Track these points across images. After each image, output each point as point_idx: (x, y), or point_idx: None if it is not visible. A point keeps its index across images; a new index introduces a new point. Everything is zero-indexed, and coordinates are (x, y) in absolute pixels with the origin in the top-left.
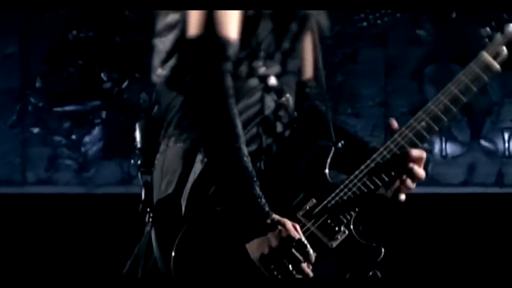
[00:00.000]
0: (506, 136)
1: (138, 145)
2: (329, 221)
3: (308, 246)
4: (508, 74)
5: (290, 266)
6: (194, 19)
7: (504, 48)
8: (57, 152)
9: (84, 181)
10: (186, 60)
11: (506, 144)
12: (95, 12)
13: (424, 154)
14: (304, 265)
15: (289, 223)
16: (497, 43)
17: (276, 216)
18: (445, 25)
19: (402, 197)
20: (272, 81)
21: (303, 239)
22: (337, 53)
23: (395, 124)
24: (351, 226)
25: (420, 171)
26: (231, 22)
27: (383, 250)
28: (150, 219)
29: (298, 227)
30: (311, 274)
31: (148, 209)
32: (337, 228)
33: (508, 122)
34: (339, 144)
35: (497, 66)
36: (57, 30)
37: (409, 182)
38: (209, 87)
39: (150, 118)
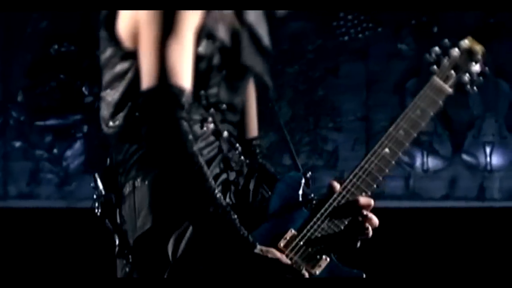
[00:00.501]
0: (488, 150)
1: (102, 193)
2: (310, 249)
3: (301, 266)
4: (488, 88)
5: None
6: (146, 71)
7: (453, 71)
8: (39, 166)
9: (65, 195)
10: (140, 112)
11: (488, 158)
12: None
13: (371, 202)
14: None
15: (275, 251)
16: (445, 68)
17: (261, 246)
18: (426, 39)
19: (358, 243)
20: (220, 126)
21: (292, 263)
22: (318, 67)
23: (336, 186)
24: (332, 253)
25: (371, 217)
26: (184, 72)
27: (364, 275)
28: (130, 261)
29: (283, 254)
30: None
31: (126, 251)
32: (318, 256)
33: (489, 136)
34: (308, 174)
35: (448, 89)
36: (39, 44)
37: (361, 228)
38: (166, 135)
39: (107, 168)
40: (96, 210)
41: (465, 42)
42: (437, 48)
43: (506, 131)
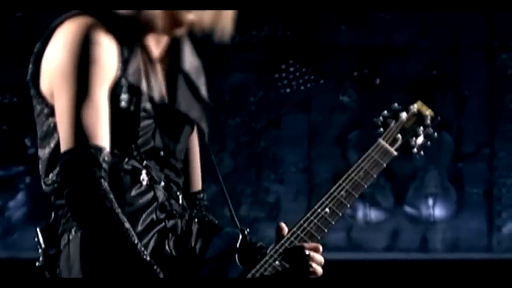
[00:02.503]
0: (430, 201)
1: (42, 246)
2: None
3: None
4: (432, 140)
5: None
6: (63, 134)
7: (399, 135)
8: None
9: (8, 245)
10: (60, 175)
11: (430, 210)
12: None
13: (320, 248)
14: None
15: None
16: (392, 130)
17: None
18: (368, 91)
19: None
20: (157, 173)
21: None
22: (260, 119)
23: (284, 229)
24: None
25: (315, 266)
26: (100, 131)
27: None
28: None
29: None
30: None
31: None
32: None
33: (432, 187)
34: (246, 231)
35: (394, 152)
36: None
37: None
38: (85, 196)
39: (49, 221)
40: (37, 263)
41: (414, 106)
42: (385, 112)
43: (449, 182)
